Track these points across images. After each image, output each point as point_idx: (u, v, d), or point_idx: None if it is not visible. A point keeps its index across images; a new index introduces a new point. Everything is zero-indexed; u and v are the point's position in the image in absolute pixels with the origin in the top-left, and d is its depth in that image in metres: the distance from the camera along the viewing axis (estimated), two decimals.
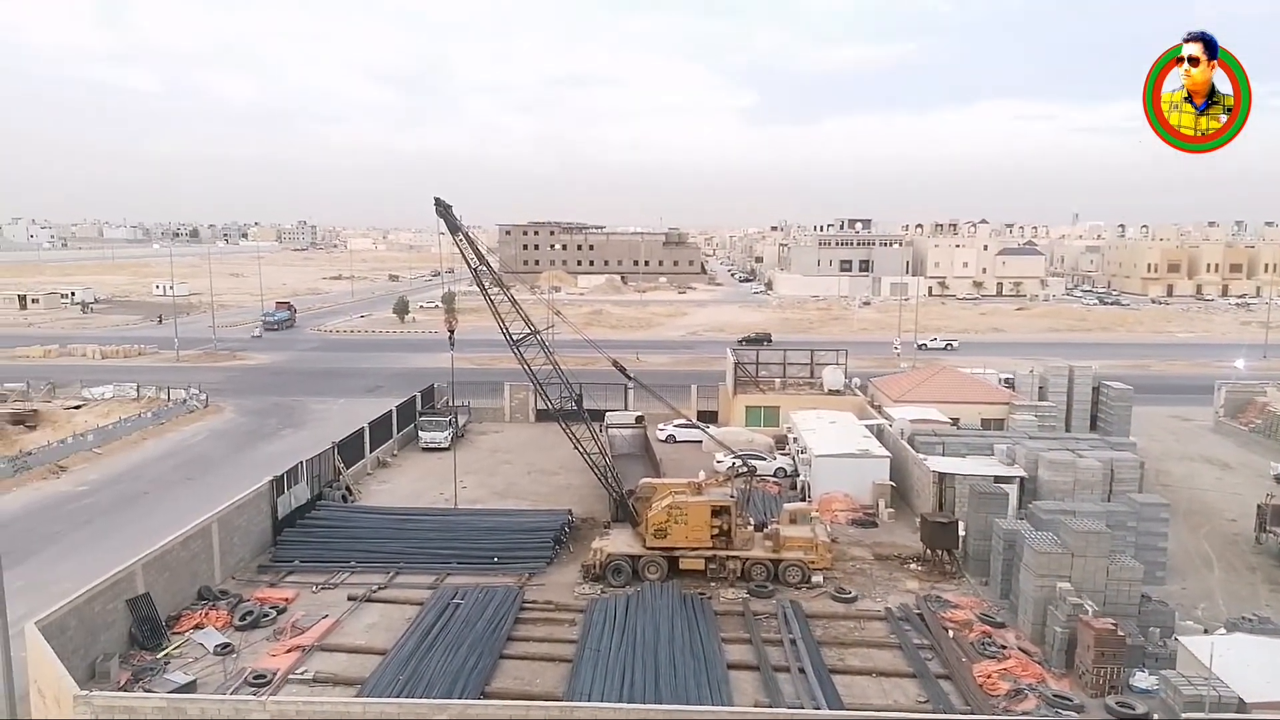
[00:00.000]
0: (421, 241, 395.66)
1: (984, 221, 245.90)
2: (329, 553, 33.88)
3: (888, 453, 42.17)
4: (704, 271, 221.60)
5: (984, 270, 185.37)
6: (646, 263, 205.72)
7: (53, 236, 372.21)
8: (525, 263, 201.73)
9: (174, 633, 27.12)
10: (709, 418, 56.99)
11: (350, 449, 44.85)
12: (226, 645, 26.21)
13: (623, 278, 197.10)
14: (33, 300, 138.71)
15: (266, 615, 28.23)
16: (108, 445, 54.70)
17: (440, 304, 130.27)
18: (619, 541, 32.95)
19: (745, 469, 37.08)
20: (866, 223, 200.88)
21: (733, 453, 42.63)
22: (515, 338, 36.40)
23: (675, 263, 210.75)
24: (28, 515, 42.16)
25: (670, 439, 53.32)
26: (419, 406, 55.88)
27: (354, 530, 35.87)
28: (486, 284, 36.43)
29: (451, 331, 43.15)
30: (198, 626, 27.44)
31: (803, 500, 40.29)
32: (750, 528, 33.35)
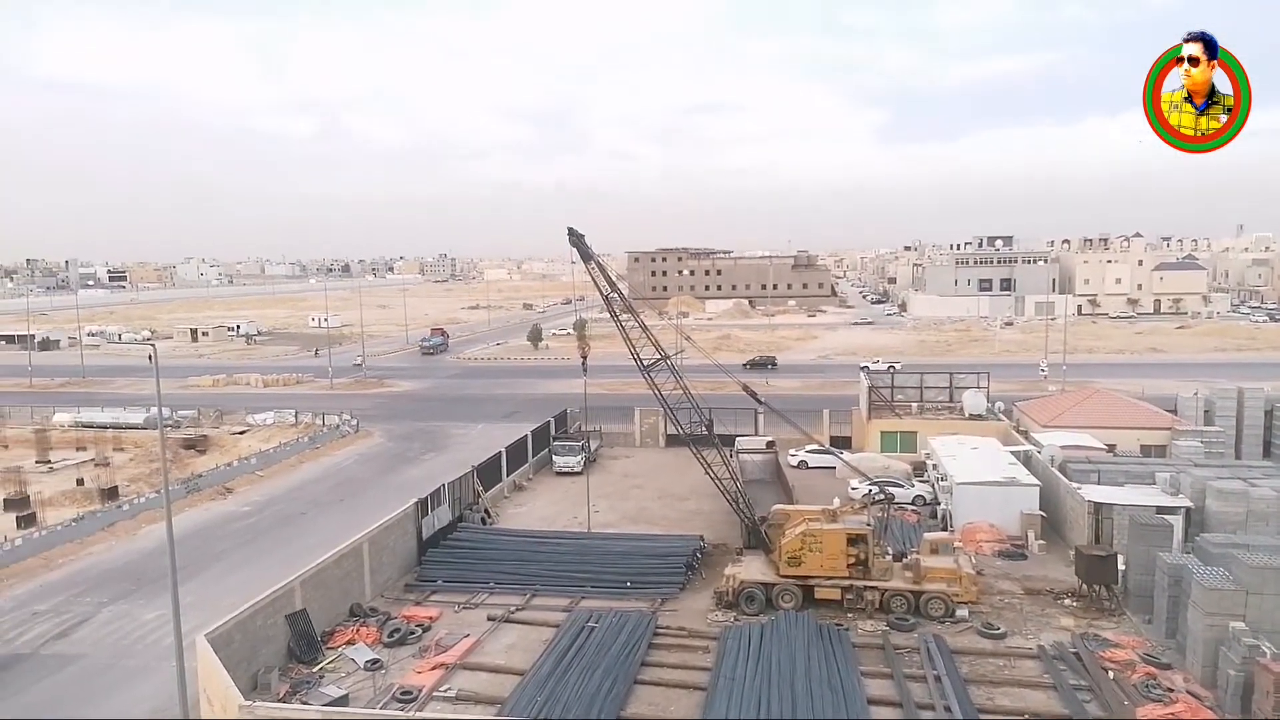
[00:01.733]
0: (553, 270, 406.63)
1: (1138, 235, 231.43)
2: (469, 573, 34.94)
3: (1036, 481, 40.05)
4: (834, 294, 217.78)
5: (1139, 287, 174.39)
6: (775, 286, 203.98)
7: (220, 274, 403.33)
8: (653, 288, 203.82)
9: (328, 648, 28.51)
10: (842, 443, 55.75)
11: (488, 472, 46.28)
12: (376, 661, 27.38)
13: (750, 301, 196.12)
14: (203, 333, 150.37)
15: (413, 633, 29.35)
16: (269, 468, 58.48)
17: (572, 331, 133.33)
18: (752, 569, 32.55)
19: (882, 496, 36.00)
20: (1007, 239, 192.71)
21: (868, 479, 41.51)
22: (646, 363, 36.78)
23: (804, 285, 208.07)
24: (198, 533, 45.45)
25: (802, 465, 52.43)
26: (552, 431, 57.12)
27: (492, 552, 36.86)
28: (617, 310, 37.04)
29: (584, 358, 44.04)
30: (349, 642, 28.79)
31: (944, 530, 38.72)
32: (889, 557, 32.31)
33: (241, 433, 69.96)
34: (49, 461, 60.12)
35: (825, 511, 33.13)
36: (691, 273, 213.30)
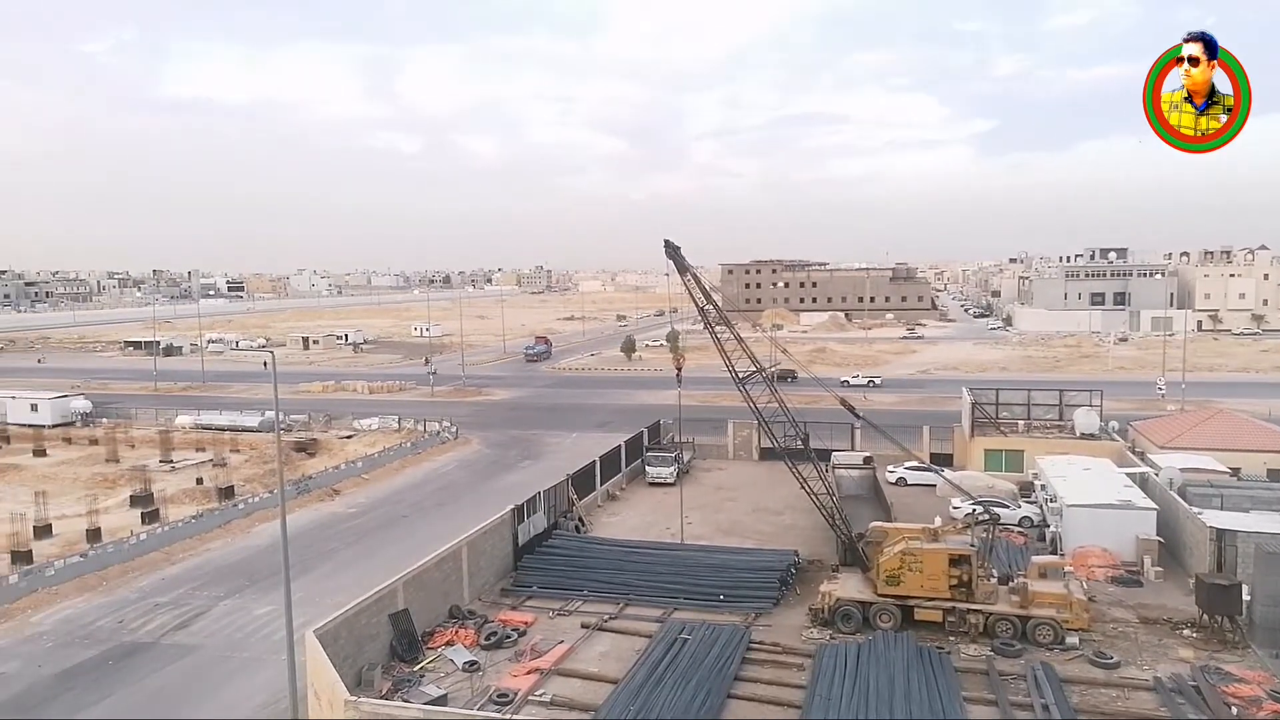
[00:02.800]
0: (647, 282, 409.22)
1: (1263, 247, 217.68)
2: (564, 580, 35.32)
3: (1153, 504, 38.05)
4: (934, 307, 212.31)
5: (1265, 301, 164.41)
6: (872, 299, 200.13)
7: (330, 285, 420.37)
8: (747, 301, 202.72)
9: (428, 648, 29.25)
10: (943, 461, 54.14)
11: (582, 481, 46.72)
12: (474, 663, 27.94)
13: (847, 314, 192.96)
14: (313, 341, 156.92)
15: (509, 637, 29.85)
16: (374, 472, 60.52)
17: (665, 342, 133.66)
18: (848, 586, 31.92)
19: (986, 516, 34.82)
20: (1121, 252, 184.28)
21: (972, 498, 40.24)
22: (741, 375, 36.60)
23: (903, 298, 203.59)
24: (308, 532, 47.32)
25: (901, 481, 51.17)
26: (646, 442, 57.30)
27: (586, 560, 37.17)
28: (712, 322, 37.02)
29: (679, 369, 44.13)
30: (449, 643, 29.46)
31: (1053, 553, 37.20)
32: (994, 580, 31.22)
33: (348, 437, 72.57)
34: (171, 461, 63.66)
35: (926, 530, 32.26)
36: (786, 285, 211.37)
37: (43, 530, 46.01)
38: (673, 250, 37.24)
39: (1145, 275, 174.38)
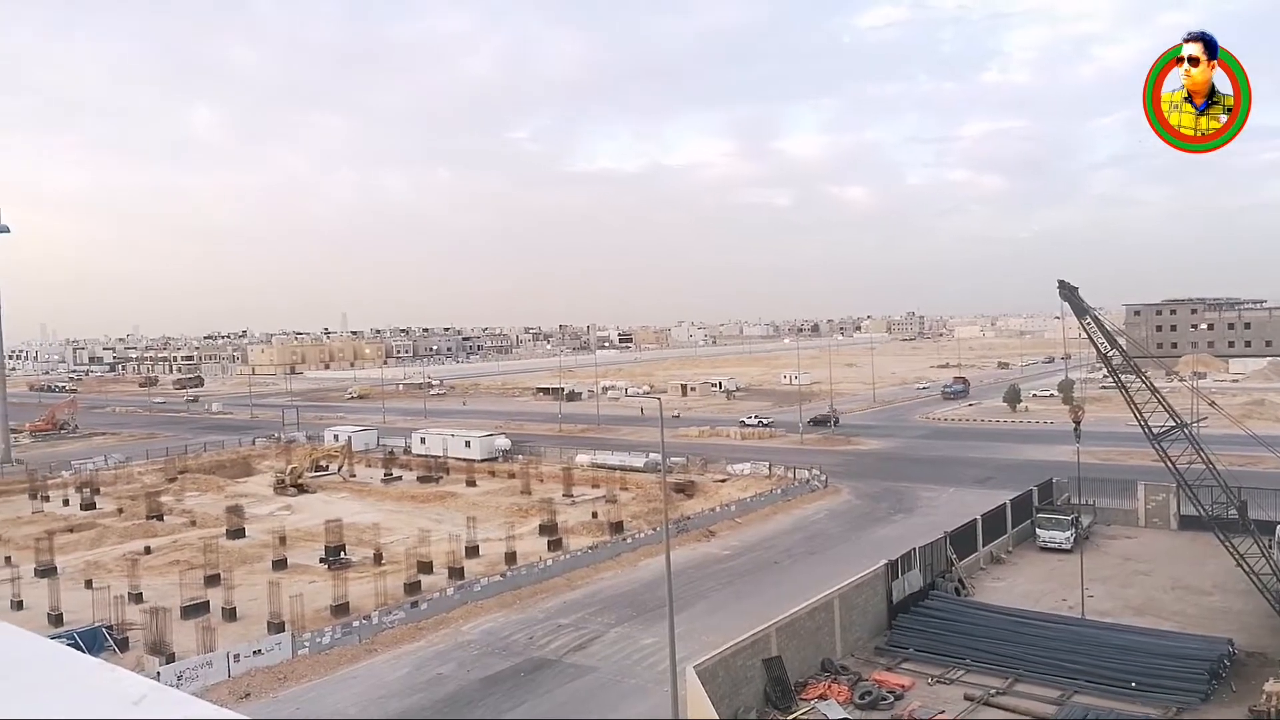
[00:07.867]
0: (1033, 327, 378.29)
1: None
2: (943, 645, 33.35)
3: None
4: None
5: None
6: None
7: (705, 335, 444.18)
8: (1159, 345, 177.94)
9: (800, 699, 29.19)
10: None
11: (962, 540, 43.94)
12: None
13: None
14: (690, 389, 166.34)
15: (884, 698, 28.81)
16: (746, 516, 62.20)
17: (1056, 392, 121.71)
18: None
19: None
20: None
21: None
22: (1156, 431, 32.22)
23: None
24: (685, 570, 49.72)
25: None
26: (1035, 502, 52.45)
27: (968, 626, 34.79)
28: (1117, 370, 33.14)
29: (1077, 423, 40.13)
30: (821, 697, 29.14)
31: None
32: None
33: (722, 481, 75.42)
34: (572, 495, 70.84)
35: None
36: (1210, 327, 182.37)
37: (472, 550, 53.52)
38: (1068, 291, 34.13)
39: None
